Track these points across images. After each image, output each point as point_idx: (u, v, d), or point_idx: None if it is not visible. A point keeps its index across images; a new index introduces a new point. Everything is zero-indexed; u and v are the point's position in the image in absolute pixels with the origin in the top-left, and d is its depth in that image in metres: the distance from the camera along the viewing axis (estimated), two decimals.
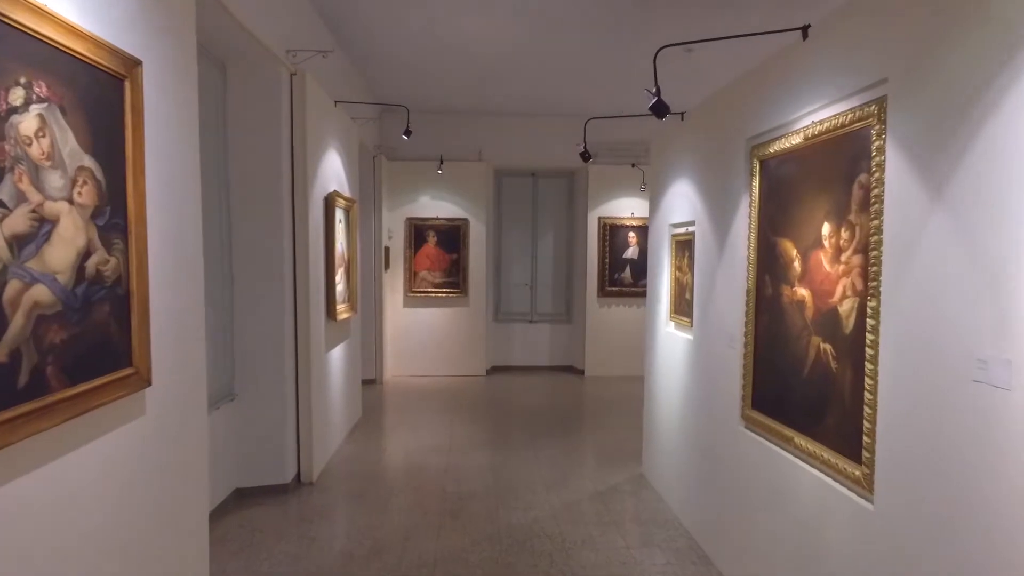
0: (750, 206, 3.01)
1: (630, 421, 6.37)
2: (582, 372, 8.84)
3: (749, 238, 3.02)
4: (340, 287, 5.34)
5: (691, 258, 3.89)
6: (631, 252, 8.69)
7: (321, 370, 4.89)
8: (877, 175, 2.08)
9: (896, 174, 1.99)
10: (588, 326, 8.72)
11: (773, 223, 2.83)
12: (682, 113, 3.97)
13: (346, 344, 5.78)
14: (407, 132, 5.56)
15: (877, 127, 2.08)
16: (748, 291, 3.03)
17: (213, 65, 3.97)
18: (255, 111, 4.17)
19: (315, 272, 4.69)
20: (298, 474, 4.56)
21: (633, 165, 8.48)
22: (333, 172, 5.25)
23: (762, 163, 2.94)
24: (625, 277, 8.71)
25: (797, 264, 2.63)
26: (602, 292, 8.68)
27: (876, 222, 2.09)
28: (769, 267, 2.87)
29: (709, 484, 3.53)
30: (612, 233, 8.64)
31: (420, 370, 8.59)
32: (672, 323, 4.30)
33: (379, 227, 7.88)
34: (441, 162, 8.18)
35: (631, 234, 8.67)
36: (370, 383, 7.92)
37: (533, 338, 9.24)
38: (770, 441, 2.83)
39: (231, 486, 4.20)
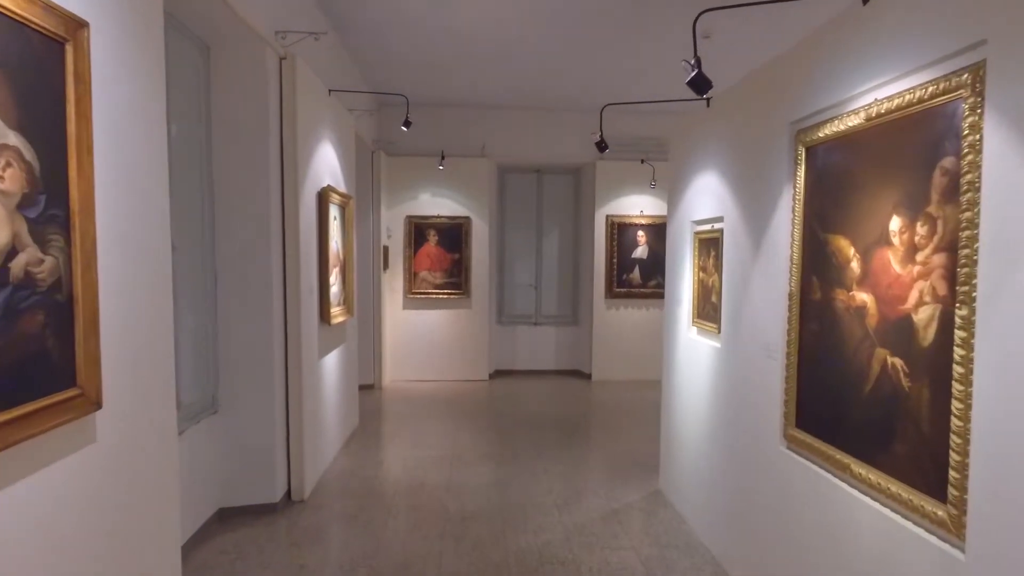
0: (794, 199, 2.66)
1: (643, 430, 6.02)
2: (589, 376, 8.49)
3: (792, 235, 2.67)
4: (335, 288, 4.99)
5: (718, 258, 3.54)
6: (640, 251, 8.34)
7: (314, 378, 4.55)
8: (970, 158, 1.73)
9: (996, 157, 1.64)
10: (595, 328, 8.38)
11: (823, 218, 2.48)
12: (708, 98, 3.62)
13: (342, 349, 5.43)
14: (406, 123, 5.21)
15: (971, 100, 1.73)
16: (791, 295, 2.69)
17: (194, 46, 3.62)
18: (241, 97, 3.83)
19: (307, 273, 4.34)
20: (288, 492, 4.21)
21: (643, 161, 8.13)
22: (327, 165, 4.90)
23: (809, 150, 2.59)
24: (634, 277, 8.36)
25: (855, 265, 2.28)
26: (610, 293, 8.33)
27: (967, 214, 1.74)
28: (818, 268, 2.52)
29: (742, 508, 3.18)
30: (620, 232, 8.30)
31: (420, 375, 8.24)
32: (695, 328, 3.95)
33: (377, 225, 7.54)
34: (442, 157, 7.83)
35: (640, 233, 8.32)
36: (368, 388, 7.57)
37: (538, 341, 8.89)
38: (819, 466, 2.48)
39: (214, 506, 3.85)
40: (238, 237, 3.86)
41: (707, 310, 3.73)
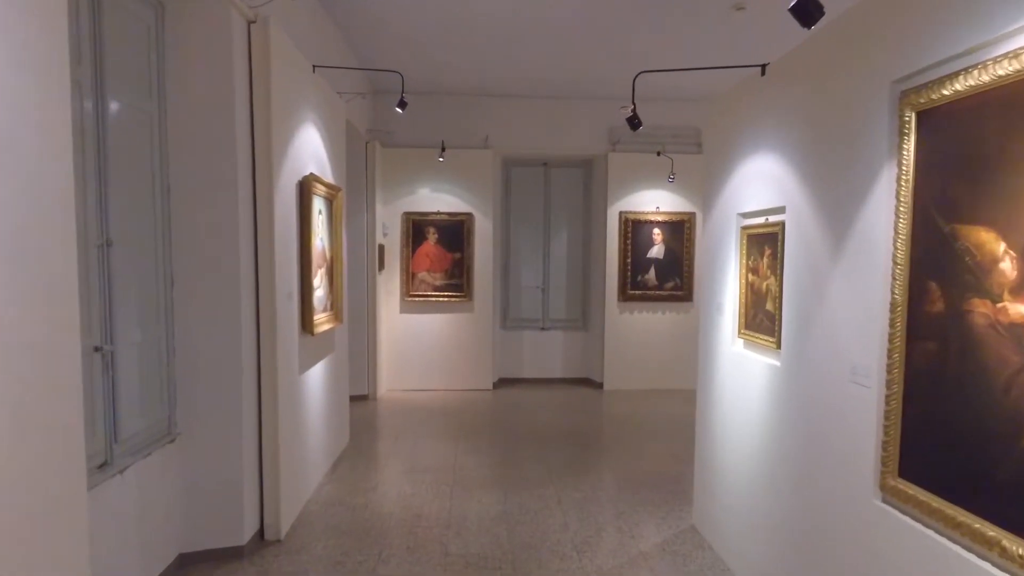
0: (898, 181, 2.05)
1: (665, 447, 5.42)
2: (600, 385, 7.88)
3: (896, 227, 2.06)
4: (320, 292, 4.38)
5: (775, 257, 2.93)
6: (656, 251, 7.72)
7: (294, 396, 3.94)
8: None
9: None
10: (607, 334, 7.77)
11: (948, 204, 1.87)
12: (763, 66, 3.00)
13: (329, 360, 4.82)
14: (401, 103, 4.60)
15: None
16: (894, 304, 2.07)
17: (144, 2, 3.01)
18: (204, 66, 3.22)
19: (285, 275, 3.74)
20: (261, 530, 3.60)
21: (659, 153, 7.52)
22: (311, 152, 4.30)
23: (923, 115, 1.97)
24: (649, 279, 7.75)
25: (1009, 266, 1.66)
26: (623, 296, 7.72)
27: None
28: (939, 270, 1.90)
29: (810, 565, 2.57)
30: (635, 229, 7.68)
31: (419, 384, 7.63)
32: (741, 341, 3.34)
33: (372, 222, 6.93)
34: (443, 149, 7.22)
35: (656, 230, 7.71)
36: (361, 399, 6.97)
37: (545, 347, 8.28)
38: (939, 533, 1.87)
39: (172, 552, 3.24)
40: (200, 233, 3.25)
41: (759, 320, 3.11)
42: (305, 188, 4.04)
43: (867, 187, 2.21)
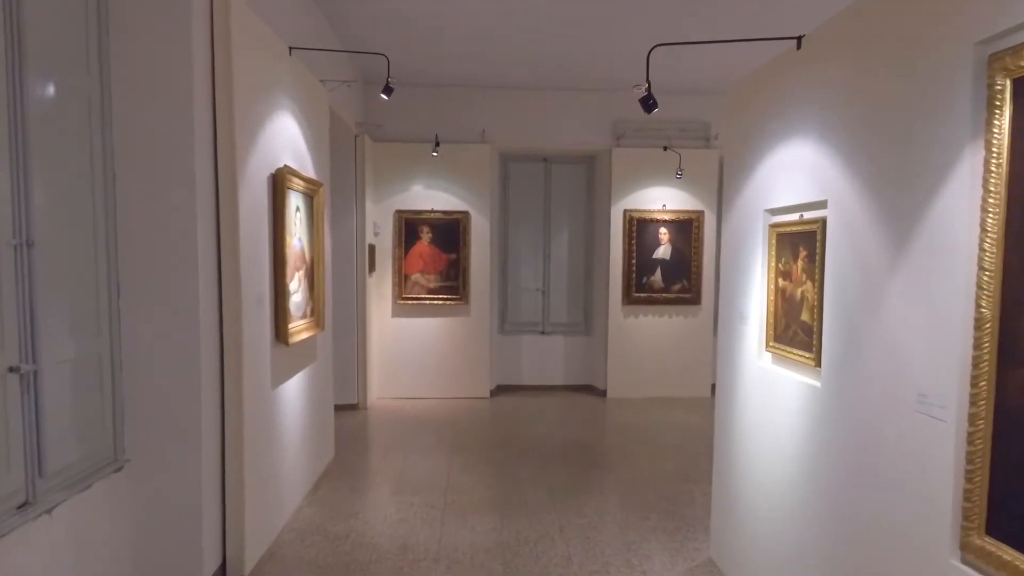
0: (986, 165, 1.65)
1: (673, 465, 5.02)
2: (603, 393, 7.48)
3: (984, 223, 1.65)
4: (297, 297, 3.98)
5: (812, 260, 2.53)
6: (662, 251, 7.32)
7: (265, 413, 3.54)
8: None
9: None
10: (610, 339, 7.36)
11: None
12: (798, 38, 2.60)
13: (309, 371, 4.42)
14: (387, 89, 4.19)
15: None
16: (980, 321, 1.67)
17: None
18: (153, 37, 2.81)
19: (255, 278, 3.33)
20: (223, 565, 3.19)
21: (666, 148, 7.12)
22: (287, 143, 3.89)
23: (1019, 83, 1.57)
24: (655, 281, 7.34)
25: None
26: (628, 299, 7.31)
27: None
28: None
29: None
30: (640, 229, 7.27)
31: (411, 391, 7.22)
32: (769, 355, 2.93)
33: (362, 221, 6.52)
34: (437, 143, 6.81)
35: (663, 230, 7.30)
36: (350, 409, 6.57)
37: (545, 353, 7.87)
38: None
39: None
40: (153, 231, 2.85)
41: (792, 332, 2.71)
42: (279, 182, 3.64)
43: (942, 175, 1.80)
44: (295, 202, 3.94)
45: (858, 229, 2.22)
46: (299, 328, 3.98)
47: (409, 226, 7.12)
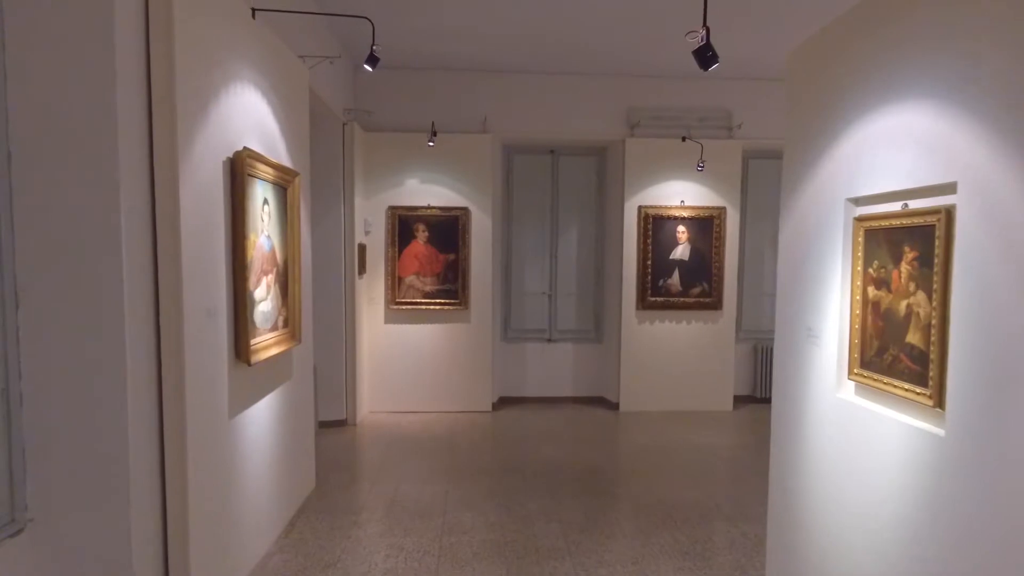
0: None
1: (705, 494, 4.40)
2: (616, 406, 6.85)
3: None
4: (265, 307, 3.35)
5: (926, 264, 1.90)
6: (681, 251, 6.69)
7: (220, 447, 2.91)
8: None
9: None
10: (623, 347, 6.74)
11: None
12: None
13: (282, 392, 3.79)
14: (371, 58, 3.56)
15: None
16: None
17: None
18: None
19: (204, 285, 2.71)
20: None
21: (684, 139, 6.49)
22: (252, 123, 3.26)
23: None
24: (672, 284, 6.71)
25: None
26: (642, 303, 6.68)
27: None
28: None
29: None
30: (656, 227, 6.65)
31: (406, 405, 6.60)
32: (853, 384, 2.30)
33: (351, 218, 5.90)
34: (433, 133, 6.18)
35: (681, 228, 6.67)
36: (338, 426, 5.95)
37: (552, 362, 7.23)
38: None
39: None
40: (63, 226, 2.22)
41: (890, 358, 2.08)
42: (238, 167, 3.00)
43: None
44: (262, 193, 3.31)
45: (1010, 221, 1.59)
46: (267, 343, 3.35)
47: (403, 224, 6.49)
